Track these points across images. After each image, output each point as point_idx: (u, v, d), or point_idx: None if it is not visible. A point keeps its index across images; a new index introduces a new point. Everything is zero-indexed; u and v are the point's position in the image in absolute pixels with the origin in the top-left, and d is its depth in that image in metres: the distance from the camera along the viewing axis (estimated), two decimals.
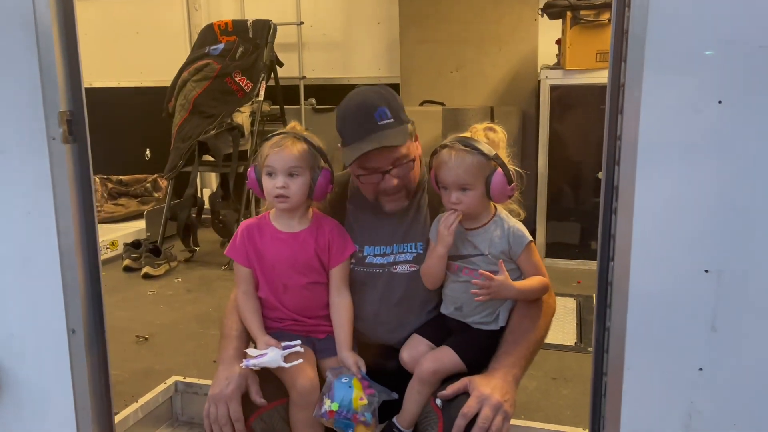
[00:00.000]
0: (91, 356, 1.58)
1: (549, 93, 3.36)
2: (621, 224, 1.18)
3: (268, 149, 1.42)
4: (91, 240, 1.56)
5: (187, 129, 3.72)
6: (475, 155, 1.34)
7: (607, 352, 1.28)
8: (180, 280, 3.44)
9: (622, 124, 1.15)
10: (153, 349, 2.58)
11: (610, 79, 1.21)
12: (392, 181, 1.42)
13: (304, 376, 1.41)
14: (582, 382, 2.17)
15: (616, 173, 1.21)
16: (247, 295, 1.50)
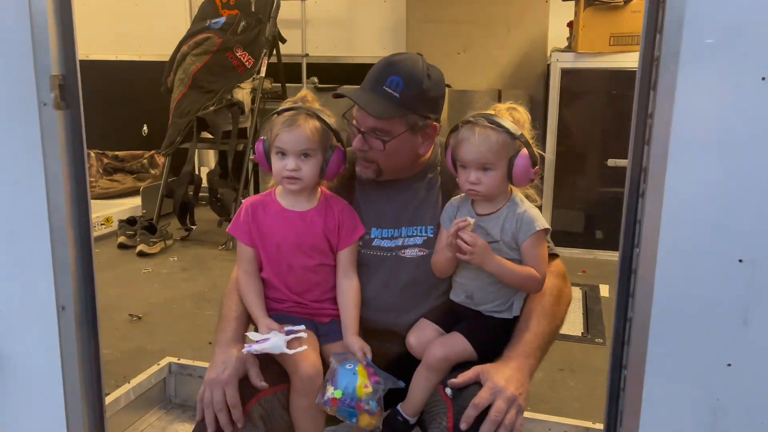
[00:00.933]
0: (81, 334, 1.52)
1: (559, 77, 3.27)
2: (649, 209, 1.11)
3: (280, 127, 1.35)
4: (83, 212, 1.49)
5: (185, 104, 3.64)
6: (500, 133, 1.27)
7: (628, 344, 1.21)
8: (175, 258, 3.37)
9: (655, 101, 1.07)
10: (146, 329, 2.51)
11: (642, 52, 1.13)
12: (359, 143, 1.37)
13: (308, 361, 1.35)
14: (589, 374, 2.11)
15: (645, 154, 1.13)
16: (249, 275, 1.44)
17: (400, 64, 1.35)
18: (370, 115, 1.33)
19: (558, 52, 3.33)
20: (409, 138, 1.38)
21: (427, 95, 1.36)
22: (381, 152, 1.37)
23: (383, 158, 1.39)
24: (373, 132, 1.36)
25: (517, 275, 1.31)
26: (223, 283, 2.91)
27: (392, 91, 1.32)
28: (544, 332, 1.37)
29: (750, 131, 1.02)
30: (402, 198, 1.46)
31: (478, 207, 1.35)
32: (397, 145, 1.37)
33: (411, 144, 1.40)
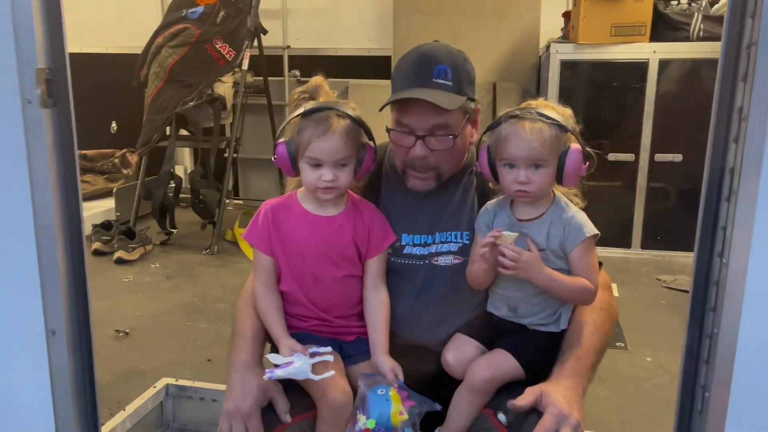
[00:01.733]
0: (74, 362, 1.36)
1: (559, 69, 3.17)
2: (740, 215, 0.99)
3: (312, 134, 1.21)
4: (74, 223, 1.32)
5: (162, 99, 3.43)
6: (552, 126, 1.17)
7: (707, 363, 1.10)
8: (157, 265, 3.18)
9: (750, 94, 0.96)
10: (135, 346, 2.33)
11: (726, 38, 1.01)
12: (423, 150, 1.25)
13: (337, 388, 1.22)
14: (618, 382, 2.02)
15: (733, 152, 1.02)
16: (268, 288, 1.30)
17: (437, 52, 1.25)
18: (439, 110, 1.21)
19: (557, 43, 3.24)
20: (465, 129, 1.29)
21: (470, 77, 1.29)
22: (445, 153, 1.26)
23: (446, 160, 1.28)
24: (434, 132, 1.24)
25: (570, 288, 1.21)
26: (213, 292, 2.83)
27: (443, 80, 1.23)
28: (597, 349, 1.26)
29: None
30: (436, 201, 1.34)
31: (518, 212, 1.24)
32: (458, 142, 1.27)
33: (465, 138, 1.31)
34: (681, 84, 3.22)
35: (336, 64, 4.10)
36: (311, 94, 1.28)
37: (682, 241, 3.37)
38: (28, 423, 1.34)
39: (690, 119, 3.26)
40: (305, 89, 1.29)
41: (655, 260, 3.30)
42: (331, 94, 1.28)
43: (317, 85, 1.28)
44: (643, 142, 3.24)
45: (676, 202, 3.39)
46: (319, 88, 1.28)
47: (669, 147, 3.27)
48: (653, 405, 1.95)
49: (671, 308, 2.70)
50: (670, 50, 3.15)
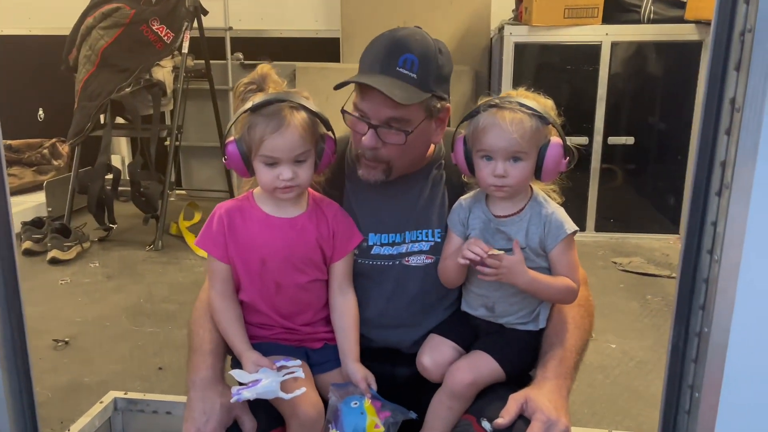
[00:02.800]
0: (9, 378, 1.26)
1: (513, 51, 3.13)
2: (733, 210, 0.95)
3: (264, 130, 1.12)
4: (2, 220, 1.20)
5: (94, 85, 3.22)
6: (532, 118, 1.11)
7: (696, 362, 1.07)
8: (97, 264, 2.99)
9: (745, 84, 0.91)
10: (78, 356, 2.16)
11: (716, 24, 0.96)
12: (373, 140, 1.18)
13: (308, 402, 1.16)
14: (587, 373, 2.02)
15: (724, 145, 0.97)
16: (226, 297, 1.22)
17: (410, 39, 1.16)
18: (396, 102, 1.12)
19: (510, 25, 3.20)
20: (426, 126, 1.20)
21: (441, 73, 1.20)
22: (397, 148, 1.18)
23: (398, 155, 1.20)
24: (388, 124, 1.16)
25: (553, 288, 1.17)
26: (159, 291, 2.68)
27: (407, 71, 1.15)
28: (578, 348, 1.24)
29: None
30: (404, 198, 1.28)
31: (495, 208, 1.19)
32: (415, 136, 1.18)
33: (427, 133, 1.22)
34: (632, 66, 3.26)
35: (282, 47, 3.95)
36: (258, 85, 1.18)
37: (634, 223, 3.45)
38: None
39: (641, 102, 3.31)
40: (251, 80, 1.18)
41: (610, 242, 3.35)
42: (280, 83, 1.19)
43: (264, 74, 1.18)
44: (596, 125, 3.26)
45: (628, 185, 3.44)
46: (266, 78, 1.18)
47: (621, 130, 3.30)
48: (622, 394, 1.96)
49: (629, 291, 2.74)
50: (622, 32, 3.17)
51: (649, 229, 3.41)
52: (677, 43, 3.16)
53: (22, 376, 1.26)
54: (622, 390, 1.97)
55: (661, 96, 3.29)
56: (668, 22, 3.15)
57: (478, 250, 1.11)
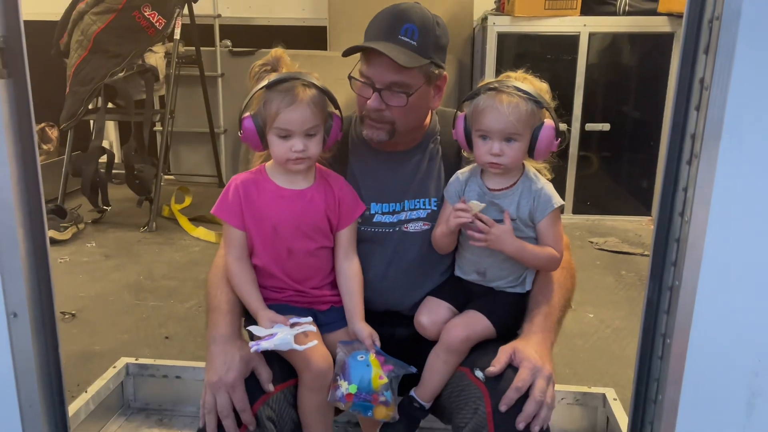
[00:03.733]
0: (38, 344, 1.32)
1: (496, 41, 3.24)
2: (702, 177, 1.08)
3: (279, 105, 1.21)
4: (34, 200, 1.29)
5: (87, 70, 3.24)
6: (528, 101, 1.20)
7: (668, 313, 1.20)
8: (93, 244, 3.04)
9: (713, 65, 1.03)
10: (85, 328, 2.23)
11: (689, 12, 1.09)
12: (377, 102, 1.28)
13: (319, 355, 1.25)
14: (566, 338, 2.15)
15: (694, 120, 1.10)
16: (241, 262, 1.29)
17: (411, 11, 1.28)
18: (398, 67, 1.23)
19: (493, 15, 3.31)
20: (425, 91, 1.31)
21: (439, 42, 1.30)
22: (400, 110, 1.28)
23: (401, 116, 1.30)
24: (391, 87, 1.27)
25: (538, 257, 1.27)
26: (158, 269, 2.75)
27: (408, 39, 1.26)
28: (561, 305, 1.34)
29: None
30: (403, 169, 1.38)
31: (489, 182, 1.28)
32: (416, 99, 1.29)
33: (426, 98, 1.33)
34: (608, 56, 3.39)
35: (269, 34, 3.99)
36: (273, 66, 1.27)
37: (609, 206, 3.59)
38: None
39: (616, 90, 3.44)
40: (265, 62, 1.27)
41: (586, 224, 3.50)
42: (292, 65, 1.28)
43: (278, 57, 1.28)
44: (574, 112, 3.40)
45: (603, 170, 3.59)
46: (280, 60, 1.27)
47: (598, 116, 3.44)
48: (600, 357, 2.10)
49: (605, 268, 2.88)
50: (599, 24, 3.30)
51: (623, 211, 3.57)
52: (651, 34, 3.30)
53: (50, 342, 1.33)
54: (600, 353, 2.11)
55: (635, 85, 3.43)
56: (642, 14, 3.29)
57: (461, 206, 1.22)
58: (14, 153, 1.23)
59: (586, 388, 1.72)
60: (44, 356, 1.34)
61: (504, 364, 1.20)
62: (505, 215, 1.23)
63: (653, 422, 1.25)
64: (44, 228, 1.28)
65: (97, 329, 2.22)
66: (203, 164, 4.22)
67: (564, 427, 1.72)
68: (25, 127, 1.23)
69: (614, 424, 1.62)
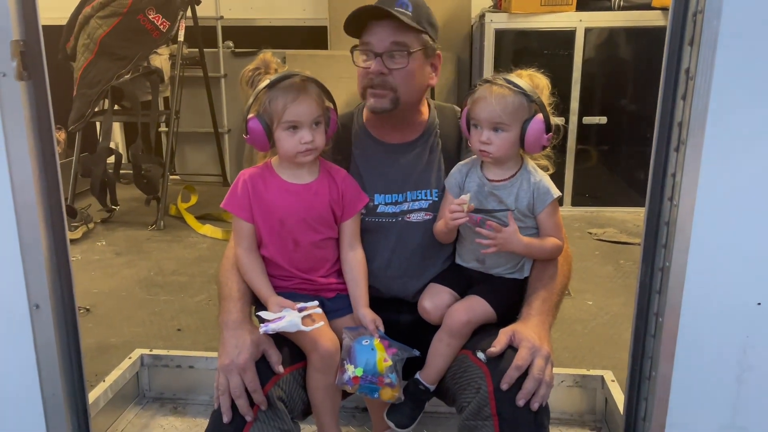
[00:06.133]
0: (60, 335, 1.38)
1: (494, 37, 3.30)
2: (688, 163, 1.14)
3: (285, 100, 1.26)
4: (54, 196, 1.35)
5: (94, 73, 3.29)
6: (516, 94, 1.25)
7: (660, 293, 1.26)
8: (104, 243, 3.10)
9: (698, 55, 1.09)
10: (101, 322, 2.29)
11: (674, 6, 1.15)
12: (378, 65, 1.32)
13: (326, 337, 1.29)
14: (567, 324, 2.21)
15: (681, 108, 1.16)
16: (251, 252, 1.35)
17: None
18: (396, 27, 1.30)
19: (491, 13, 3.36)
20: (423, 62, 1.37)
21: (432, 20, 1.37)
22: (401, 74, 1.33)
23: (402, 82, 1.35)
24: (392, 51, 1.33)
25: (545, 249, 1.32)
26: (169, 265, 2.82)
27: (404, 10, 1.32)
28: (559, 290, 1.38)
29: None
30: (405, 161, 1.42)
31: (489, 173, 1.33)
32: (415, 66, 1.35)
33: (424, 71, 1.38)
34: (604, 51, 3.44)
35: (271, 35, 4.05)
36: (264, 69, 1.32)
37: (607, 197, 3.64)
38: (13, 397, 1.34)
39: (613, 84, 3.49)
40: (257, 65, 1.32)
41: (585, 216, 3.55)
42: (281, 66, 1.33)
43: (267, 61, 1.33)
44: (572, 105, 3.45)
45: (601, 162, 3.64)
46: (269, 63, 1.32)
47: (595, 110, 3.49)
48: (599, 341, 2.15)
49: (604, 258, 2.94)
50: (595, 19, 3.35)
51: (621, 203, 3.62)
52: (645, 28, 3.35)
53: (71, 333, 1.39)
54: (599, 338, 2.17)
55: (631, 78, 3.48)
56: (637, 9, 3.34)
57: (455, 207, 1.26)
58: (35, 153, 1.28)
59: (585, 371, 1.77)
60: (66, 346, 1.39)
61: (504, 345, 1.24)
62: (509, 216, 1.27)
63: (647, 398, 1.31)
64: (64, 225, 1.34)
65: (111, 323, 2.29)
66: (208, 164, 4.28)
67: (564, 408, 1.78)
68: (45, 128, 1.29)
69: (612, 405, 1.68)
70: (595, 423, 1.76)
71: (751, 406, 1.21)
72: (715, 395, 1.22)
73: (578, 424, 1.76)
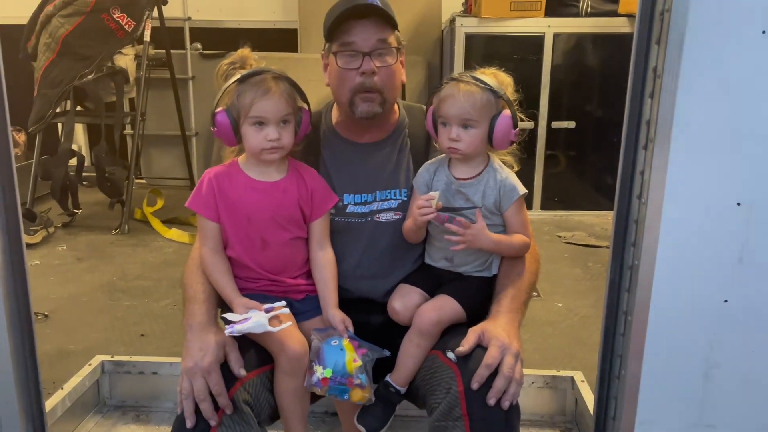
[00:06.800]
0: (14, 341, 1.33)
1: (464, 42, 3.31)
2: (656, 161, 1.14)
3: (254, 95, 1.24)
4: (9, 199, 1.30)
5: (55, 73, 3.21)
6: (484, 90, 1.25)
7: (629, 291, 1.26)
8: (65, 247, 3.02)
9: (665, 54, 1.10)
10: (59, 327, 2.22)
11: (641, 7, 1.15)
12: (369, 65, 1.31)
13: (294, 339, 1.27)
14: (537, 326, 2.22)
15: (647, 106, 1.17)
16: (216, 253, 1.31)
17: None
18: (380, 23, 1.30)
19: (461, 17, 3.38)
20: (400, 65, 1.37)
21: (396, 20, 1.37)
22: (387, 73, 1.33)
23: (387, 82, 1.34)
24: (378, 49, 1.31)
25: (513, 246, 1.32)
26: (132, 270, 2.75)
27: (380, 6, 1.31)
28: (527, 288, 1.38)
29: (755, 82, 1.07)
30: (374, 161, 1.41)
31: (456, 171, 1.32)
32: (396, 66, 1.35)
33: (401, 68, 1.38)
34: (572, 56, 3.49)
35: (240, 37, 3.93)
36: (240, 65, 1.30)
37: (576, 201, 3.69)
38: None
39: (581, 89, 3.54)
40: (233, 60, 1.30)
41: (554, 219, 3.59)
42: (258, 63, 1.31)
43: (245, 56, 1.31)
44: (541, 110, 3.48)
45: (569, 167, 3.68)
46: (246, 59, 1.31)
47: (563, 114, 3.54)
48: (569, 342, 2.17)
49: (572, 260, 2.97)
50: (563, 25, 3.40)
51: (590, 206, 3.67)
52: (612, 35, 3.41)
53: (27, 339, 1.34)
54: (569, 339, 2.18)
55: (599, 83, 3.53)
56: (604, 16, 3.40)
57: (423, 202, 1.25)
58: None
59: (555, 372, 1.77)
60: (20, 353, 1.34)
61: (473, 344, 1.23)
62: (477, 214, 1.27)
63: (617, 397, 1.31)
64: (20, 228, 1.30)
65: (71, 329, 2.21)
66: (175, 167, 4.20)
67: (535, 409, 1.78)
68: (1, 130, 1.24)
69: (582, 405, 1.68)
70: (565, 424, 1.76)
71: (718, 403, 1.22)
72: (683, 393, 1.22)
73: (549, 425, 1.76)
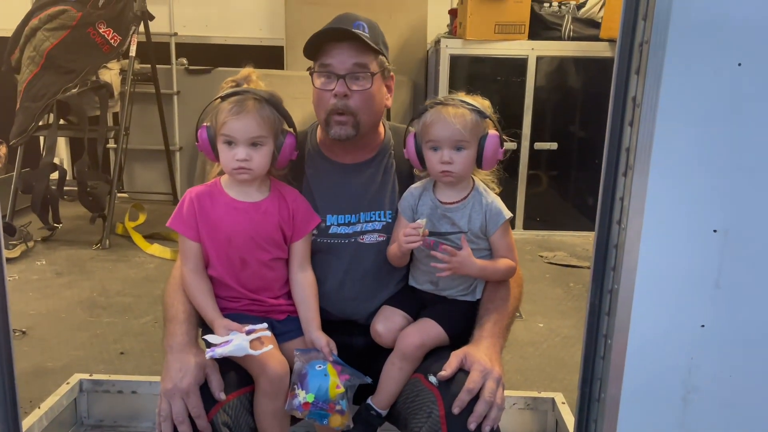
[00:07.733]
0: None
1: (449, 63, 3.35)
2: (636, 187, 1.17)
3: (226, 114, 1.25)
4: None
5: (39, 86, 3.19)
6: (472, 112, 1.27)
7: (609, 314, 1.28)
8: (44, 262, 2.98)
9: (644, 84, 1.13)
10: (37, 345, 2.19)
11: (621, 37, 1.18)
12: (342, 87, 1.32)
13: (275, 361, 1.26)
14: (518, 347, 2.22)
15: (628, 135, 1.19)
16: (197, 273, 1.31)
17: (356, 14, 1.37)
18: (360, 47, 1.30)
19: (446, 38, 3.43)
20: (381, 83, 1.38)
21: (385, 42, 1.39)
22: (362, 97, 1.33)
23: (363, 105, 1.34)
24: (354, 72, 1.32)
25: (499, 270, 1.33)
26: (113, 286, 2.73)
27: (362, 32, 1.33)
28: (510, 312, 1.39)
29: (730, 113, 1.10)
30: (359, 182, 1.42)
31: (441, 195, 1.33)
32: (375, 88, 1.35)
33: (382, 92, 1.39)
34: (555, 79, 3.54)
35: (226, 53, 4.03)
36: (239, 84, 1.31)
37: (557, 221, 3.72)
38: None
39: (563, 111, 3.60)
40: (235, 79, 1.31)
41: (536, 239, 3.61)
42: (260, 84, 1.32)
43: (246, 75, 1.32)
44: (524, 131, 3.53)
45: (552, 187, 3.72)
46: (248, 78, 1.31)
47: (546, 136, 3.58)
48: (550, 363, 2.17)
49: (554, 280, 2.99)
50: (546, 48, 3.46)
51: (571, 227, 3.70)
52: (594, 58, 3.47)
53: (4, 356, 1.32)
54: (550, 360, 2.19)
55: (581, 105, 3.60)
56: (586, 40, 3.46)
57: (410, 231, 1.25)
58: None
59: (536, 393, 1.78)
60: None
61: (455, 368, 1.24)
62: (462, 239, 1.27)
63: (597, 420, 1.32)
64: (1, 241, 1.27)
65: (49, 346, 2.18)
66: (158, 182, 4.18)
67: (516, 430, 1.78)
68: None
69: (563, 427, 1.69)
70: None
71: (696, 426, 1.23)
72: (662, 416, 1.23)
73: None
